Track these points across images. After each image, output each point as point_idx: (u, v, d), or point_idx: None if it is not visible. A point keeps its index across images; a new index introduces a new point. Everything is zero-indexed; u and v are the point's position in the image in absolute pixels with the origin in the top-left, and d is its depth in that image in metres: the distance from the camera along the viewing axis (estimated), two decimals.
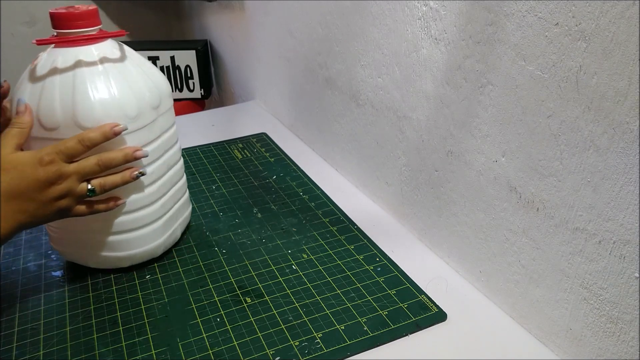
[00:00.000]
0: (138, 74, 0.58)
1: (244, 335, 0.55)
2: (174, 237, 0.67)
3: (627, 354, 0.45)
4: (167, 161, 0.63)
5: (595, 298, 0.47)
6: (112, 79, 0.56)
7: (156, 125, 0.60)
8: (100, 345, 0.55)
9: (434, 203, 0.66)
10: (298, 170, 0.88)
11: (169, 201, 0.65)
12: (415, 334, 0.55)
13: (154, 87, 0.60)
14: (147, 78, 0.59)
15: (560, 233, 0.49)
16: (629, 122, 0.40)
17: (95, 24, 0.57)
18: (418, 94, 0.63)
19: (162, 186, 0.63)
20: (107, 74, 0.56)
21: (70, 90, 0.54)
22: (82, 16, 0.55)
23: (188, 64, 1.38)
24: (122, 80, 0.56)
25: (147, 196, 0.61)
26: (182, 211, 0.68)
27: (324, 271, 0.64)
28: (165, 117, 0.62)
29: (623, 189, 0.42)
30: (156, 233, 0.63)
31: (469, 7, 0.53)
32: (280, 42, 0.98)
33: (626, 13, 0.39)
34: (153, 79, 0.60)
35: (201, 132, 1.04)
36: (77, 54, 0.55)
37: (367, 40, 0.71)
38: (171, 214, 0.65)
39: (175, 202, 0.66)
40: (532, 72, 0.47)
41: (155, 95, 0.59)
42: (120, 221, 0.60)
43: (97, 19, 0.57)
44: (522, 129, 0.50)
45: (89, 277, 0.64)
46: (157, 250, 0.65)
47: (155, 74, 0.61)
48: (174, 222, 0.66)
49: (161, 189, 0.62)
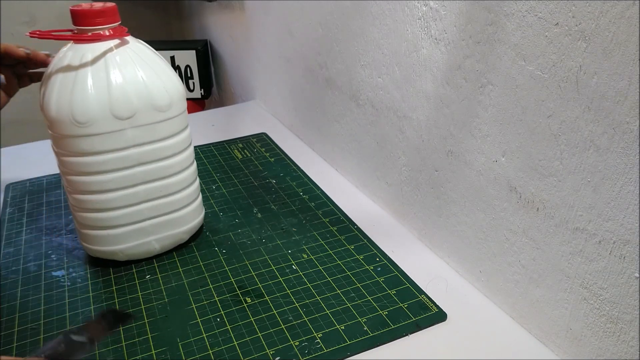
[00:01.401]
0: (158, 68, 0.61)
1: (244, 335, 0.55)
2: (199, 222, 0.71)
3: (627, 354, 0.45)
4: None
5: (595, 298, 0.47)
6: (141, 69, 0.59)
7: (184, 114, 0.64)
8: (100, 345, 0.55)
9: (434, 203, 0.66)
10: (298, 170, 0.88)
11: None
12: (415, 334, 0.55)
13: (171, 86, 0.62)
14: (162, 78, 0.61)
15: (560, 233, 0.49)
16: (629, 122, 0.40)
17: (113, 20, 0.58)
18: (418, 94, 0.63)
19: (194, 172, 0.68)
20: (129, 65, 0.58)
21: (104, 82, 0.57)
22: (102, 13, 0.57)
23: (188, 64, 1.38)
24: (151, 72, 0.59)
25: (183, 180, 0.65)
26: None
27: (324, 271, 0.64)
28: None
29: (623, 189, 0.42)
30: (192, 214, 0.68)
31: (469, 7, 0.53)
32: (280, 42, 0.98)
33: (626, 13, 0.39)
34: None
35: (201, 132, 1.04)
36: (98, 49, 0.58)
37: (367, 40, 0.71)
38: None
39: None
40: (532, 72, 0.47)
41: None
42: (163, 203, 0.64)
43: (115, 16, 0.59)
44: (522, 129, 0.50)
45: (89, 277, 0.64)
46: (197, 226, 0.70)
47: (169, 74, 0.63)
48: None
49: (194, 174, 0.68)
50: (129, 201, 0.62)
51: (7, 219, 0.76)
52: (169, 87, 0.60)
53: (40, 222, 0.75)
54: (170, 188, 0.64)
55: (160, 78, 0.60)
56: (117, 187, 0.60)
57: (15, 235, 0.72)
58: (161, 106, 0.59)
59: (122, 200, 0.61)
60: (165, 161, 0.62)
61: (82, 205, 0.61)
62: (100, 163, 0.58)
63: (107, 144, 0.58)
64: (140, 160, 0.60)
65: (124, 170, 0.60)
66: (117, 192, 0.60)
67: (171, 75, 0.61)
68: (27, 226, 0.74)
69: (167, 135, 0.61)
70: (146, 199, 0.63)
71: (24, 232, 0.73)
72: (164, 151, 0.62)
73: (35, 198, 0.81)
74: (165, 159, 0.62)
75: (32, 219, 0.76)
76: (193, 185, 0.67)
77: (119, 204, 0.61)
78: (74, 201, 0.62)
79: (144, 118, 0.59)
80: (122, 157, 0.59)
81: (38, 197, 0.81)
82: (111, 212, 0.61)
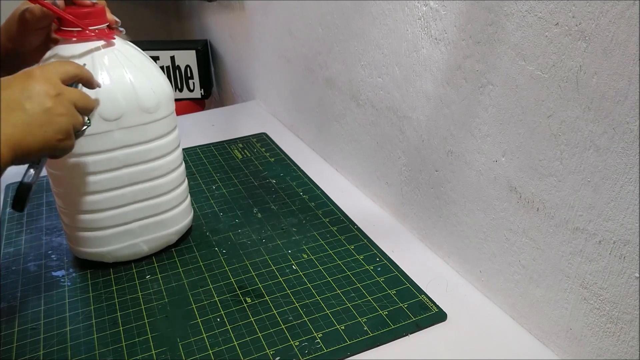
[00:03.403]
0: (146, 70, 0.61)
1: (244, 335, 0.55)
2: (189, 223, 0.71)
3: (627, 354, 0.45)
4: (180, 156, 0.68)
5: (595, 298, 0.47)
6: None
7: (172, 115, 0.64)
8: (100, 345, 0.55)
9: (434, 203, 0.66)
10: (298, 170, 0.88)
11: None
12: (415, 334, 0.55)
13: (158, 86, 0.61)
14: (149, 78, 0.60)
15: (561, 233, 0.49)
16: (629, 122, 0.40)
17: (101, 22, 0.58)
18: (418, 94, 0.63)
19: (182, 174, 0.68)
20: None
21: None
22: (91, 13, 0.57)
23: (188, 64, 1.38)
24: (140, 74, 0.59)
25: (172, 181, 0.65)
26: None
27: (324, 271, 0.64)
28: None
29: (623, 189, 0.42)
30: (181, 216, 0.68)
31: (469, 7, 0.53)
32: (280, 42, 0.98)
33: (626, 13, 0.39)
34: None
35: (201, 132, 1.04)
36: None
37: (367, 40, 0.71)
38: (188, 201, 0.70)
39: None
40: (532, 72, 0.47)
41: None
42: (151, 205, 0.64)
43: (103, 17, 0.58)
44: (522, 129, 0.50)
45: (89, 277, 0.64)
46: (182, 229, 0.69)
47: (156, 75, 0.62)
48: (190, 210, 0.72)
49: (182, 175, 0.68)
50: (117, 203, 0.61)
51: (7, 219, 0.76)
52: (156, 89, 0.60)
53: (40, 222, 0.75)
54: (158, 189, 0.64)
55: (148, 79, 0.60)
56: (105, 189, 0.60)
57: (15, 235, 0.72)
58: (149, 107, 0.59)
59: (109, 202, 0.61)
60: (153, 163, 0.62)
61: (70, 207, 0.61)
62: (88, 164, 0.58)
63: (94, 146, 0.58)
64: (127, 162, 0.60)
65: (111, 171, 0.60)
66: (104, 193, 0.60)
67: (159, 77, 0.61)
68: (27, 226, 0.74)
69: (155, 136, 0.61)
70: (134, 201, 0.62)
71: (24, 232, 0.73)
72: (152, 152, 0.62)
73: (35, 198, 0.81)
74: (154, 161, 0.62)
75: (32, 219, 0.76)
76: (181, 186, 0.67)
77: (106, 205, 0.61)
78: (61, 203, 0.61)
79: (131, 120, 0.58)
80: (109, 158, 0.59)
81: (38, 197, 0.81)
82: (98, 214, 0.61)
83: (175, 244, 0.69)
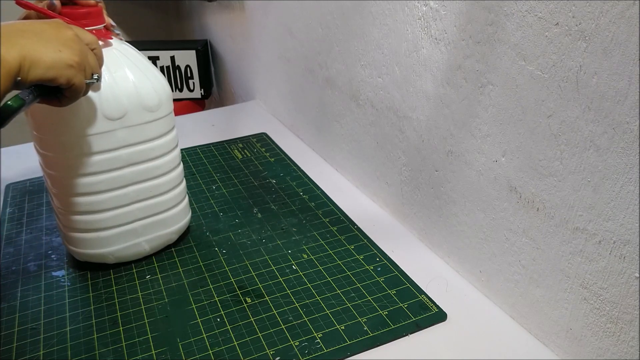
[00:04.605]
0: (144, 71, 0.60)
1: (244, 335, 0.55)
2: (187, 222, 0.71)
3: (627, 354, 0.45)
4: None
5: (595, 298, 0.47)
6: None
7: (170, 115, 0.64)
8: (100, 345, 0.55)
9: (434, 203, 0.66)
10: (298, 170, 0.88)
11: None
12: (415, 334, 0.55)
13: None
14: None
15: (561, 233, 0.49)
16: (629, 122, 0.40)
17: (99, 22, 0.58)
18: (418, 94, 0.63)
19: (181, 172, 0.68)
20: None
21: None
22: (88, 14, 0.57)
23: (188, 64, 1.38)
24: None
25: (172, 180, 0.65)
26: None
27: (324, 271, 0.64)
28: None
29: (623, 189, 0.42)
30: (180, 214, 0.68)
31: (469, 7, 0.53)
32: (280, 42, 0.98)
33: (626, 13, 0.39)
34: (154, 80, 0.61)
35: (201, 132, 1.04)
36: None
37: (367, 40, 0.71)
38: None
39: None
40: (532, 72, 0.47)
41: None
42: (152, 203, 0.64)
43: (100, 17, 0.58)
44: (522, 129, 0.50)
45: (89, 277, 0.64)
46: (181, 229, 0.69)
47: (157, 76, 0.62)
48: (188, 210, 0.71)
49: (181, 174, 0.68)
50: (119, 202, 0.61)
51: (7, 219, 0.76)
52: (157, 87, 0.60)
53: (40, 222, 0.75)
54: (159, 188, 0.64)
55: (148, 78, 0.60)
56: (108, 189, 0.60)
57: (15, 235, 0.72)
58: (151, 106, 0.60)
59: (112, 201, 0.61)
60: (154, 161, 0.62)
61: (70, 207, 0.61)
62: (91, 164, 0.58)
63: (99, 145, 0.58)
64: (130, 161, 0.60)
65: (114, 171, 0.60)
66: (107, 193, 0.60)
67: (158, 76, 0.62)
68: (27, 226, 0.74)
69: (156, 135, 0.61)
70: (136, 200, 0.62)
71: (24, 232, 0.73)
72: (153, 151, 0.62)
73: (35, 198, 0.81)
74: (155, 159, 0.62)
75: (32, 219, 0.76)
76: (181, 185, 0.68)
77: (109, 205, 0.61)
78: (60, 204, 0.61)
79: (134, 118, 0.59)
80: (113, 157, 0.59)
81: (38, 197, 0.81)
82: (101, 214, 0.61)
83: (175, 244, 0.69)
